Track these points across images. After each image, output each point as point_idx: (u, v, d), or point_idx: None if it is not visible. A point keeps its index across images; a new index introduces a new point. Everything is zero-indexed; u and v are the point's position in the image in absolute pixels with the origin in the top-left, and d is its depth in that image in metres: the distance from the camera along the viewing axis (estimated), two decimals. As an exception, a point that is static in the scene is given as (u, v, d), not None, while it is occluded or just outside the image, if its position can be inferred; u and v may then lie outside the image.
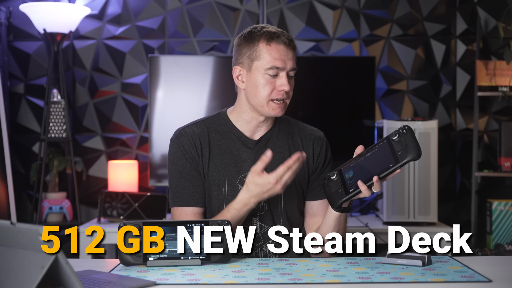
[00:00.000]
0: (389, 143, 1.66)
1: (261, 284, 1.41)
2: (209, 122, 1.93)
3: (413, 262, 1.57)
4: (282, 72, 1.82)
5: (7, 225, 1.17)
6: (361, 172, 1.68)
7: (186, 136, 1.88)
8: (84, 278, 1.43)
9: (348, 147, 3.50)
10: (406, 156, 1.62)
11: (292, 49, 1.84)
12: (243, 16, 3.73)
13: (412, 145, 1.63)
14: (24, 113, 3.77)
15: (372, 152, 1.69)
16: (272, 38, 1.82)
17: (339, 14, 3.74)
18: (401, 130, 1.65)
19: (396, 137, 1.64)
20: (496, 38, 3.67)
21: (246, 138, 1.90)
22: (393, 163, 1.64)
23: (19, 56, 3.76)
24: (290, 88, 1.84)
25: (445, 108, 3.74)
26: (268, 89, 1.82)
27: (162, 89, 3.52)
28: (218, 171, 1.87)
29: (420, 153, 1.63)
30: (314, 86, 3.54)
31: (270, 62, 1.81)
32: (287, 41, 1.83)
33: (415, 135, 1.65)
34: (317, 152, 1.95)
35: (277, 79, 1.82)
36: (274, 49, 1.82)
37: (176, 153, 1.88)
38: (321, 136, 1.98)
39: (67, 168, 3.66)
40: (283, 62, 1.81)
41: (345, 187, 1.70)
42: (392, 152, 1.64)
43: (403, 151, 1.63)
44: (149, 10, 3.75)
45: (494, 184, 3.70)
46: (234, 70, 1.91)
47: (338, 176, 1.72)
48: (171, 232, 1.61)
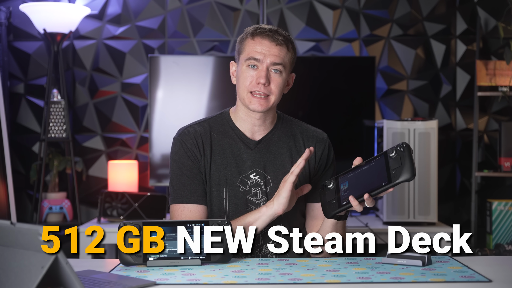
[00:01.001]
0: (385, 159, 1.63)
1: (261, 284, 1.41)
2: (212, 122, 1.93)
3: (413, 262, 1.57)
4: (261, 65, 1.82)
5: (7, 225, 1.17)
6: (355, 185, 1.67)
7: (188, 135, 1.89)
8: (84, 278, 1.43)
9: (348, 147, 3.53)
10: (399, 177, 1.60)
11: (280, 46, 1.83)
12: (243, 16, 3.73)
13: (407, 165, 1.60)
14: (24, 113, 3.77)
15: (369, 166, 1.67)
16: (256, 32, 1.84)
17: (339, 14, 3.74)
18: (399, 147, 1.62)
19: (393, 154, 1.62)
20: (496, 38, 3.67)
21: (247, 138, 1.90)
22: (385, 182, 1.62)
23: (19, 56, 3.76)
24: (272, 83, 1.83)
25: (445, 108, 3.74)
26: (247, 80, 1.84)
27: (162, 89, 3.52)
28: (219, 171, 1.87)
29: (414, 175, 1.60)
30: (314, 86, 3.54)
31: (249, 53, 1.83)
32: (275, 37, 1.83)
33: (412, 155, 1.63)
34: (319, 154, 1.94)
35: (256, 71, 1.83)
36: (257, 43, 1.84)
37: (178, 151, 1.89)
38: (324, 138, 1.97)
39: (67, 168, 3.66)
40: (263, 55, 1.82)
41: (338, 199, 1.69)
42: (386, 169, 1.62)
43: (397, 170, 1.60)
44: (149, 10, 3.75)
45: (494, 184, 3.70)
46: (230, 66, 1.95)
47: (334, 185, 1.72)
48: (171, 232, 1.61)
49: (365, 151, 3.50)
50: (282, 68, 1.84)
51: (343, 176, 1.71)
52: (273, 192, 1.87)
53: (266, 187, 1.88)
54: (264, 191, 1.88)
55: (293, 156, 1.91)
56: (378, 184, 1.62)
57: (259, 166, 1.88)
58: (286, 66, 1.85)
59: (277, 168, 1.86)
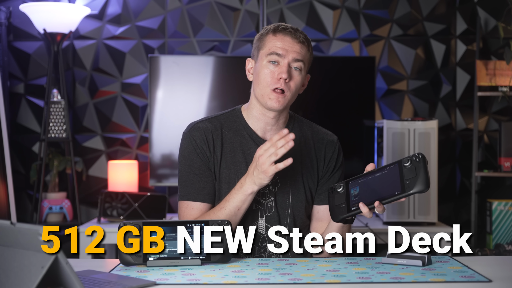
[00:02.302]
0: (400, 168, 1.62)
1: (261, 284, 1.41)
2: (223, 119, 1.92)
3: (413, 262, 1.57)
4: (283, 60, 1.81)
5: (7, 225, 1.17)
6: (366, 191, 1.66)
7: (198, 131, 1.88)
8: (84, 278, 1.43)
9: (348, 147, 3.51)
10: (413, 188, 1.58)
11: (301, 43, 1.83)
12: (243, 16, 3.73)
13: (422, 176, 1.58)
14: (24, 113, 3.77)
15: (381, 173, 1.65)
16: (279, 29, 1.84)
17: (339, 14, 3.74)
18: (415, 157, 1.61)
19: (408, 164, 1.60)
20: (496, 38, 3.67)
21: (258, 137, 1.89)
22: (399, 191, 1.60)
23: (19, 56, 3.76)
24: (291, 80, 1.82)
25: (445, 108, 3.74)
26: (268, 76, 1.81)
27: (162, 89, 3.52)
28: (229, 169, 1.86)
29: (428, 187, 1.58)
30: (314, 86, 3.54)
31: (271, 48, 1.82)
32: (297, 35, 1.83)
33: (427, 166, 1.61)
34: (329, 156, 1.93)
35: (277, 67, 1.82)
36: (279, 38, 1.83)
37: (187, 147, 1.88)
38: (334, 141, 1.96)
39: (67, 168, 3.66)
40: (285, 51, 1.81)
41: (348, 203, 1.68)
42: (400, 179, 1.61)
43: (411, 180, 1.59)
44: (149, 10, 3.75)
45: (494, 184, 3.70)
46: (247, 63, 1.93)
47: (344, 189, 1.70)
48: (171, 232, 1.61)
49: (365, 151, 3.51)
50: (302, 65, 1.83)
51: (354, 181, 1.70)
52: (281, 192, 1.87)
53: (274, 188, 1.88)
54: (272, 192, 1.87)
55: (303, 158, 1.90)
56: (390, 192, 1.61)
57: None
58: (305, 64, 1.85)
59: (286, 168, 1.86)
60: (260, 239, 1.85)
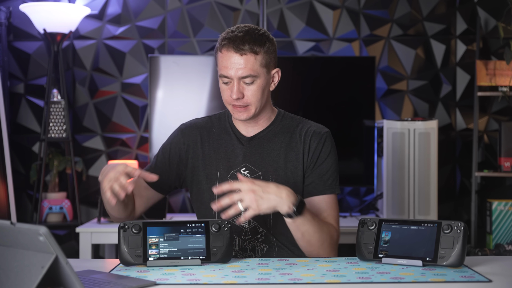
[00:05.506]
0: (437, 232, 1.55)
1: (261, 284, 1.41)
2: (216, 118, 1.98)
3: (413, 262, 1.57)
4: (232, 81, 1.80)
5: (7, 225, 1.17)
6: (398, 241, 1.60)
7: (189, 125, 1.97)
8: (84, 278, 1.43)
9: (348, 147, 3.52)
10: (446, 261, 1.52)
11: (245, 55, 1.77)
12: (243, 16, 3.73)
13: (458, 252, 1.52)
14: (24, 113, 3.78)
15: (417, 228, 1.59)
16: (222, 44, 1.80)
17: (339, 14, 3.74)
18: (456, 227, 1.53)
19: (448, 231, 1.54)
20: (496, 38, 3.67)
21: (241, 135, 1.92)
22: (430, 257, 1.54)
23: (19, 56, 3.76)
24: (247, 94, 1.80)
25: (445, 108, 3.74)
26: (225, 94, 1.83)
27: (162, 89, 3.52)
28: (211, 165, 1.90)
29: (461, 264, 1.52)
30: (314, 86, 3.55)
31: (220, 69, 1.82)
32: (240, 47, 1.76)
33: (467, 239, 1.54)
34: (313, 147, 1.88)
35: (229, 86, 1.81)
36: (224, 56, 1.79)
37: (172, 137, 1.98)
38: (321, 132, 1.91)
39: (67, 168, 3.66)
40: (231, 70, 1.78)
41: (376, 247, 1.62)
42: (436, 244, 1.54)
43: (446, 252, 1.52)
44: (149, 10, 3.75)
45: (494, 184, 3.70)
46: None
47: (376, 228, 1.63)
48: (171, 232, 1.61)
49: (365, 151, 3.51)
50: (252, 78, 1.79)
51: (387, 223, 1.63)
52: None
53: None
54: None
55: (287, 153, 1.88)
56: (421, 255, 1.56)
57: (250, 162, 1.87)
58: (258, 73, 1.79)
59: (269, 164, 1.85)
60: (243, 232, 1.86)
